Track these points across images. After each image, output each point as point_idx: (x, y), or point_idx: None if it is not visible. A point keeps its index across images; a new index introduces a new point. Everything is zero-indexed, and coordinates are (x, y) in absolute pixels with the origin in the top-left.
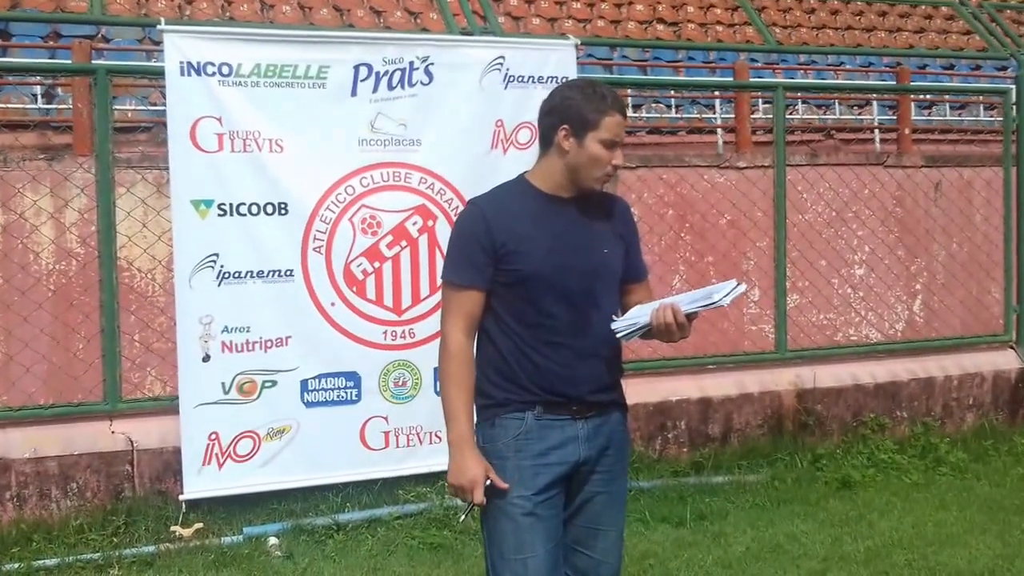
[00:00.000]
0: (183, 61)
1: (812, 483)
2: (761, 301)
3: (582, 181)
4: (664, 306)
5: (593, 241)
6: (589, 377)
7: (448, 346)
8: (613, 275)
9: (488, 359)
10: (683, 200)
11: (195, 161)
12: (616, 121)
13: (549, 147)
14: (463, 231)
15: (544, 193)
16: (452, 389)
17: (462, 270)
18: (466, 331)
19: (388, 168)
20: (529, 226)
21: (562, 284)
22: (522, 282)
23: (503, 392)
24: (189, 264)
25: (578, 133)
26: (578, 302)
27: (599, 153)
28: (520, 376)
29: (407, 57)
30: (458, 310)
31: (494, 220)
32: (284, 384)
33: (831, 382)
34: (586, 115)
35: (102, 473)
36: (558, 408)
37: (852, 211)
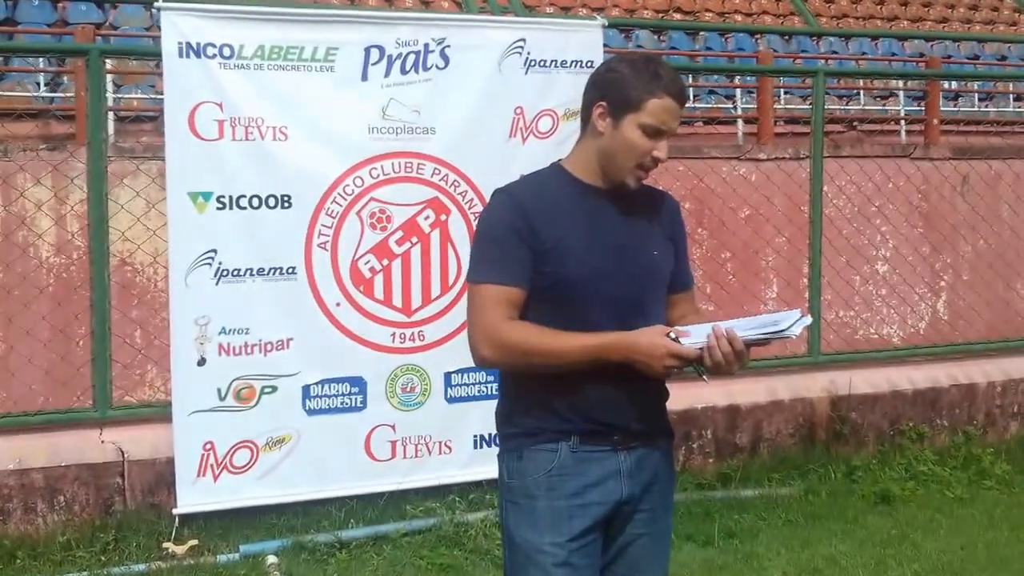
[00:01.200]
0: (181, 42)
1: (848, 497)
2: (782, 296)
3: (612, 171)
4: (718, 334)
5: (641, 241)
6: (635, 402)
7: (504, 331)
8: (662, 281)
9: (514, 380)
10: (701, 193)
11: (193, 150)
12: (665, 106)
13: (586, 127)
14: (498, 221)
15: (582, 183)
16: (549, 341)
17: (499, 267)
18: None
19: (400, 158)
20: (566, 220)
21: (605, 291)
22: (557, 287)
23: (533, 419)
24: (185, 261)
25: (616, 113)
26: (624, 312)
27: (636, 140)
28: (553, 400)
29: (422, 39)
30: (496, 311)
31: (533, 211)
32: (284, 390)
33: (867, 388)
34: (628, 93)
35: (91, 485)
36: (598, 438)
37: (876, 205)
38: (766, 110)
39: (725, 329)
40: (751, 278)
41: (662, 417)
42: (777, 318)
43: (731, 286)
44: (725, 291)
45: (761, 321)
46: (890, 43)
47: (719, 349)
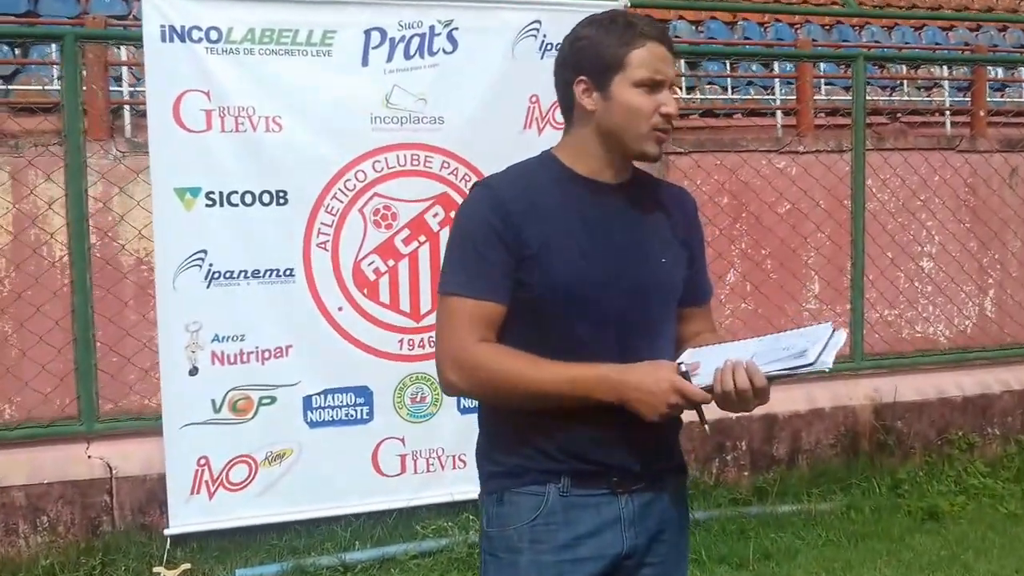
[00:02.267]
0: (164, 25)
1: (893, 513)
2: (822, 296)
3: (627, 149)
4: (736, 367)
5: (648, 245)
6: (637, 437)
7: (473, 355)
8: (672, 294)
9: (495, 411)
10: (739, 187)
11: (179, 142)
12: (652, 52)
13: (571, 114)
14: (473, 221)
15: (578, 176)
16: (524, 369)
17: (473, 277)
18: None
19: (405, 150)
20: (557, 221)
21: (602, 306)
22: (543, 301)
23: (515, 457)
24: (173, 262)
25: (600, 82)
26: (625, 332)
27: (635, 101)
28: (539, 434)
29: (427, 21)
30: (465, 329)
31: (515, 208)
32: (284, 401)
33: (913, 395)
34: (605, 54)
35: (76, 504)
36: (593, 480)
37: (920, 199)
38: (805, 100)
39: (745, 363)
40: (790, 277)
41: (672, 452)
42: (805, 340)
43: (769, 285)
44: (762, 292)
45: (787, 344)
46: (934, 32)
47: (735, 385)
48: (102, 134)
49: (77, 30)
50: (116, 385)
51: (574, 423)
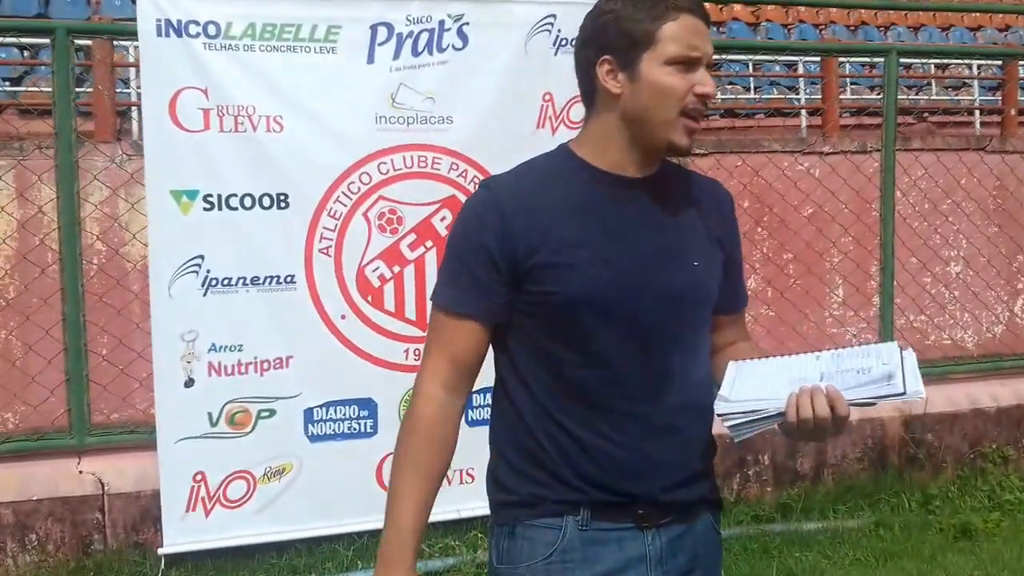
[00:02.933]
0: (160, 19)
1: (924, 531)
2: (849, 302)
3: (652, 137)
4: (815, 392)
5: (678, 248)
6: (665, 464)
7: (415, 402)
8: (706, 300)
9: (506, 430)
10: (761, 189)
11: (175, 143)
12: (685, 25)
13: (594, 100)
14: (466, 229)
15: (598, 171)
16: (399, 469)
17: (457, 291)
18: (449, 383)
19: (412, 151)
20: (573, 223)
21: (627, 316)
22: (560, 312)
23: (529, 485)
24: (168, 269)
25: (626, 61)
26: (652, 344)
27: (667, 80)
28: (556, 461)
29: (436, 15)
30: (443, 350)
31: (515, 213)
32: (284, 414)
33: (944, 405)
34: (633, 29)
35: (67, 522)
36: (616, 512)
37: (949, 201)
38: (831, 98)
39: (825, 388)
40: (815, 282)
41: (705, 481)
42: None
43: (793, 290)
44: (786, 298)
45: (859, 366)
46: (962, 32)
47: (815, 412)
48: (108, 136)
49: (69, 24)
50: (109, 396)
51: (596, 447)
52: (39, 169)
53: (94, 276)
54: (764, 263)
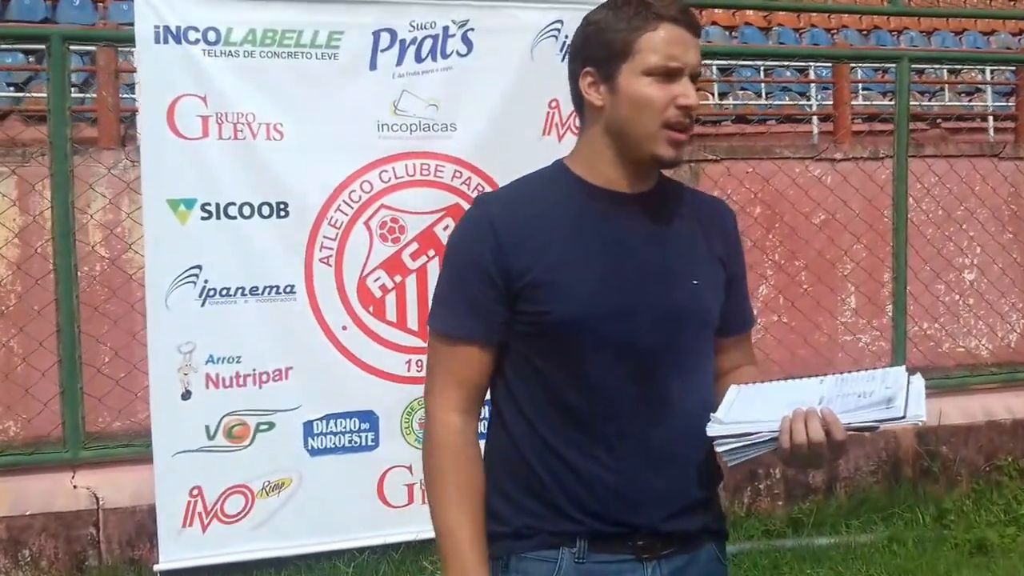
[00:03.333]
0: (159, 25)
1: (939, 546)
2: (861, 310)
3: (635, 149)
4: (809, 415)
5: (677, 266)
6: (666, 492)
7: (433, 432)
8: (706, 321)
9: (500, 458)
10: (773, 196)
11: (173, 151)
12: (666, 36)
13: (583, 113)
14: (460, 248)
15: (593, 187)
16: (445, 502)
17: (455, 314)
18: (461, 407)
19: (415, 159)
20: (568, 241)
21: (623, 338)
22: (554, 333)
23: (523, 515)
24: (165, 279)
25: (606, 72)
26: (650, 367)
27: (645, 92)
28: (551, 490)
29: (440, 21)
30: (448, 376)
31: (508, 233)
32: (283, 427)
33: (959, 418)
34: (612, 39)
35: (60, 537)
36: (614, 544)
37: (962, 208)
38: (843, 104)
39: (820, 411)
40: (826, 290)
41: (709, 509)
42: (883, 386)
43: (805, 299)
44: (797, 306)
45: (861, 390)
46: (975, 37)
47: (808, 437)
48: (112, 143)
49: (63, 30)
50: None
51: (592, 475)
52: (42, 176)
53: (92, 285)
54: (776, 271)
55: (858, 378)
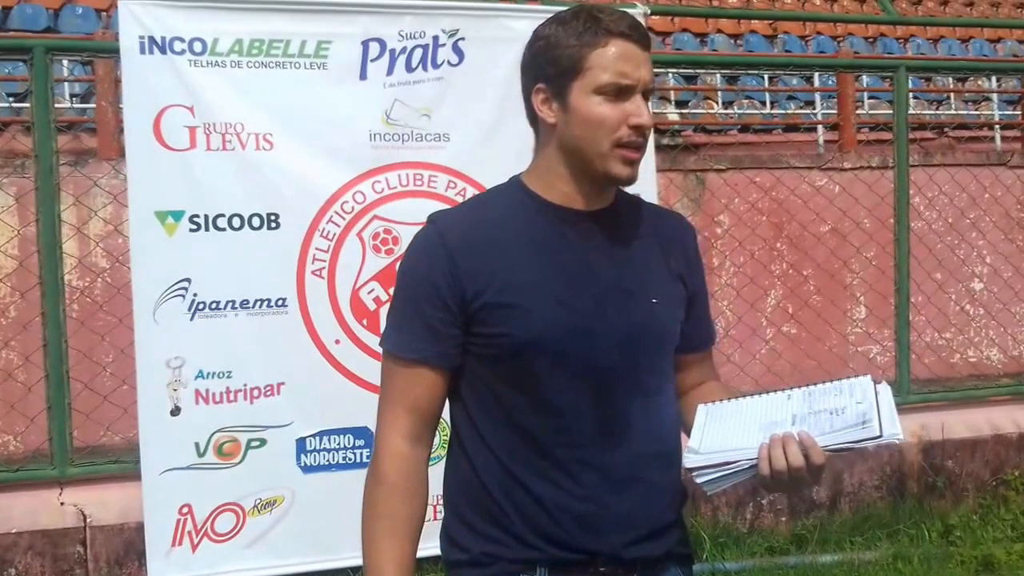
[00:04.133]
0: (143, 36)
1: (945, 563)
2: (867, 322)
3: (588, 168)
4: (787, 441)
5: (634, 285)
6: (628, 517)
7: (376, 459)
8: (666, 340)
9: (459, 484)
10: (779, 205)
11: (160, 162)
12: (616, 52)
13: (536, 130)
14: (411, 272)
15: (549, 205)
16: (374, 533)
17: (407, 336)
18: (411, 433)
19: (407, 169)
20: (524, 262)
21: (581, 359)
22: (511, 356)
23: (483, 542)
24: (153, 292)
25: (558, 89)
26: (609, 388)
27: (597, 111)
28: (510, 516)
29: (429, 31)
30: (398, 399)
31: (462, 251)
32: (275, 444)
33: (964, 432)
34: (561, 56)
35: (47, 556)
36: (575, 571)
37: (970, 217)
38: (847, 114)
39: (798, 435)
40: (832, 300)
41: (672, 534)
42: (853, 400)
43: (811, 309)
44: (802, 316)
45: (831, 407)
46: (981, 45)
47: (788, 463)
48: (113, 153)
49: (47, 42)
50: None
51: (552, 500)
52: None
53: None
54: (783, 280)
55: (826, 391)
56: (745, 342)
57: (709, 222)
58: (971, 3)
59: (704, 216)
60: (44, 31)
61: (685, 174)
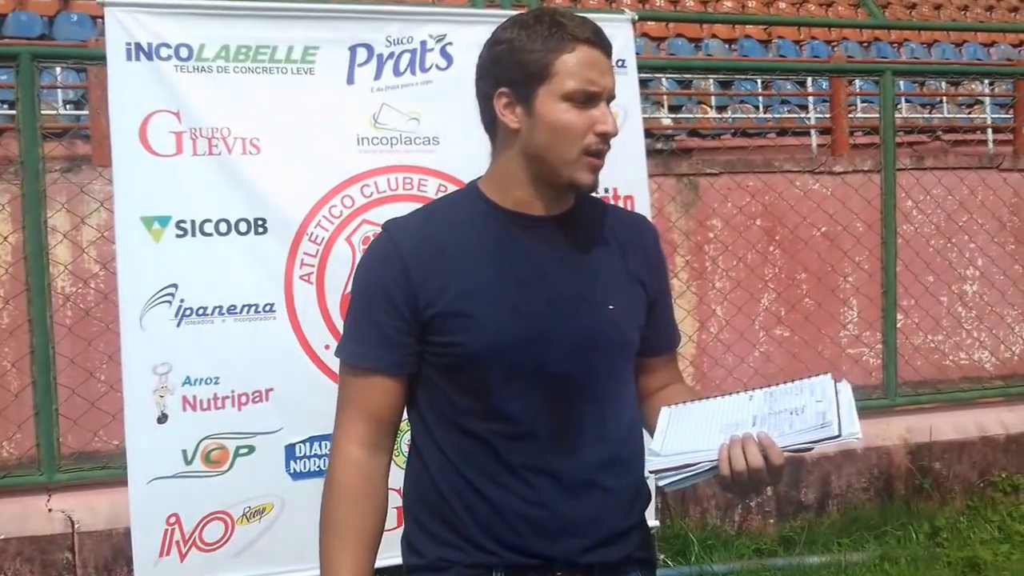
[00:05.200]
0: (130, 43)
1: (931, 564)
2: (861, 325)
3: (556, 177)
4: (746, 442)
5: (591, 291)
6: (584, 522)
7: (332, 468)
8: (623, 346)
9: (417, 490)
10: (772, 210)
11: (146, 168)
12: (582, 58)
13: (495, 134)
14: (366, 280)
15: (505, 211)
16: (329, 541)
17: (363, 345)
18: (368, 441)
19: (396, 173)
20: (478, 269)
21: (535, 367)
22: (465, 364)
23: (440, 547)
24: (139, 299)
25: (522, 95)
26: (563, 395)
27: (564, 118)
28: (465, 522)
29: (418, 36)
30: (356, 409)
31: (415, 260)
32: (264, 451)
33: (952, 433)
34: (527, 60)
35: (35, 562)
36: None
37: (962, 220)
38: (840, 118)
39: (757, 436)
40: (826, 302)
41: (632, 538)
42: (813, 399)
43: (804, 310)
44: (796, 317)
45: (792, 406)
46: (975, 48)
47: (748, 464)
48: (105, 160)
49: (33, 49)
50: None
51: (507, 506)
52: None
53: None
54: (776, 284)
55: (787, 391)
56: (734, 345)
57: (701, 226)
58: (965, 7)
59: (696, 220)
60: (39, 38)
61: (677, 179)
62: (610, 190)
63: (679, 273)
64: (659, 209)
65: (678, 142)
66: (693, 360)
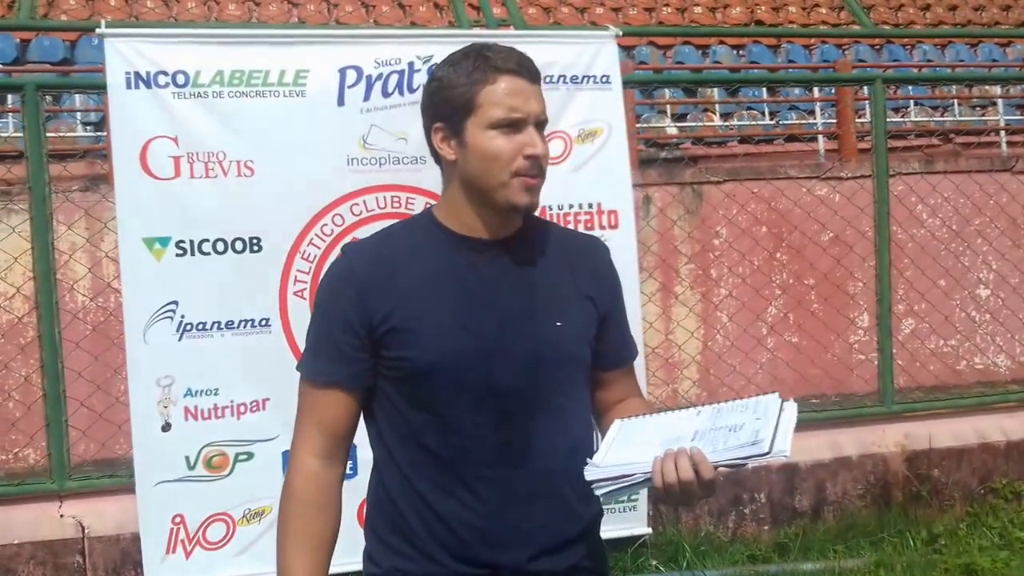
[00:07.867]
0: (129, 71)
1: (928, 571)
2: (871, 330)
3: (492, 199)
4: (679, 455)
5: (538, 309)
6: (531, 531)
7: (289, 477)
8: (571, 361)
9: (374, 501)
10: (779, 216)
11: (146, 191)
12: (505, 88)
13: (440, 166)
14: (324, 300)
15: (456, 235)
16: (285, 550)
17: (320, 361)
18: (324, 452)
19: (386, 192)
20: (431, 290)
21: (481, 382)
22: (414, 378)
23: (394, 557)
24: (143, 315)
25: (453, 127)
26: (510, 409)
27: (491, 146)
28: (417, 532)
29: (405, 57)
30: (312, 420)
31: (369, 281)
32: (262, 456)
33: (950, 440)
34: (454, 95)
35: (48, 565)
36: None
37: (975, 224)
38: (847, 124)
39: (689, 450)
40: (834, 309)
41: (579, 547)
42: (754, 417)
43: (813, 318)
44: (805, 326)
45: (732, 423)
46: (991, 49)
47: (679, 476)
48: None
49: (37, 79)
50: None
51: (456, 516)
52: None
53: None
54: (783, 291)
55: (734, 408)
56: (740, 351)
57: (707, 234)
58: (981, 7)
59: (703, 228)
60: (60, 62)
61: (682, 187)
62: (593, 205)
63: (683, 281)
64: (665, 218)
65: (684, 151)
66: (700, 365)
